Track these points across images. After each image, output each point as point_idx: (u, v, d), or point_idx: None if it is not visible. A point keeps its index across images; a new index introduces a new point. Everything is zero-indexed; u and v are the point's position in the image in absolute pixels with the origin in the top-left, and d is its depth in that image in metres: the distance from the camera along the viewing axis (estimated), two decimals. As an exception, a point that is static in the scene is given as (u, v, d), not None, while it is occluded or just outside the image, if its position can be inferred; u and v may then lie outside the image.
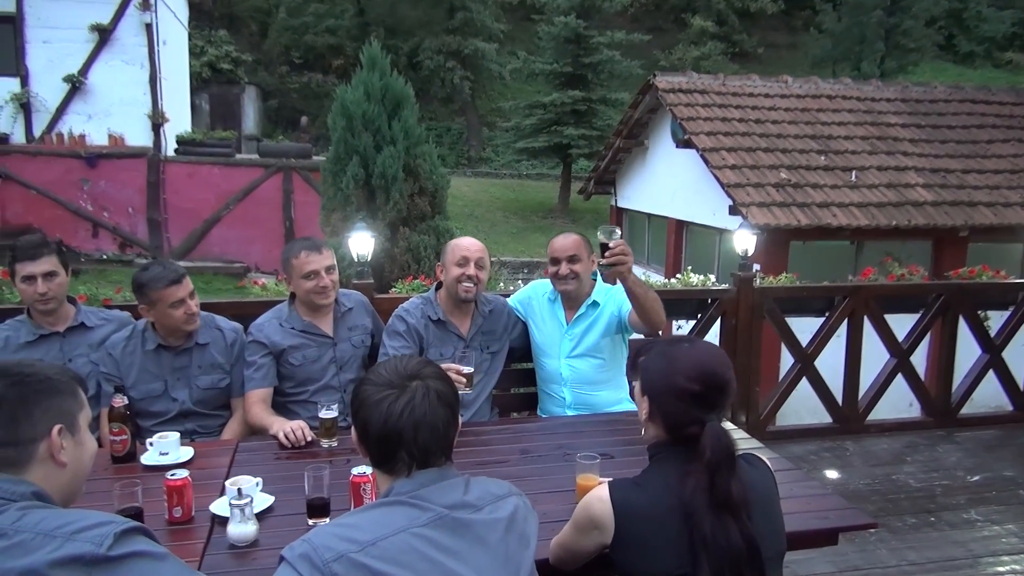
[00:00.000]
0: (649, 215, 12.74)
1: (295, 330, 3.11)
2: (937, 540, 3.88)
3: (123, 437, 2.52)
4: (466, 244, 3.22)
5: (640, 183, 12.93)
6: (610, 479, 1.78)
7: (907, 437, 5.27)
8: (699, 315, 5.02)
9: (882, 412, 5.40)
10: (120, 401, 2.55)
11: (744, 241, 4.99)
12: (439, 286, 3.28)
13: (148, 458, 2.51)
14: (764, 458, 1.85)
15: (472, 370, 2.83)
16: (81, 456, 1.50)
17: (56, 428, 1.43)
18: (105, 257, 14.16)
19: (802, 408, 5.60)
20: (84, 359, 3.00)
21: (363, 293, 4.10)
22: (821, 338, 5.19)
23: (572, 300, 3.31)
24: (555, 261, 3.24)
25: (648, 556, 1.64)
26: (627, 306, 3.13)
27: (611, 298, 3.31)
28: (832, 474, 4.71)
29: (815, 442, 5.20)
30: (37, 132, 14.30)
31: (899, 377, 5.30)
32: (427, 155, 9.07)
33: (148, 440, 2.59)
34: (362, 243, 4.40)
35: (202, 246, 14.58)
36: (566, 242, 3.25)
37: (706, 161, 9.58)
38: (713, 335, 5.10)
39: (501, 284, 5.87)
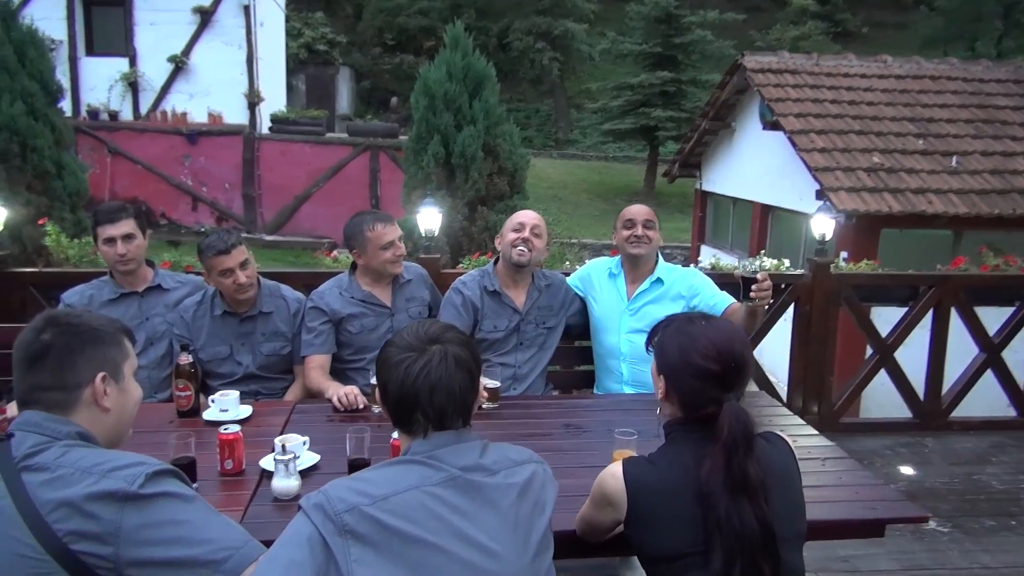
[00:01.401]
0: (734, 199, 12.42)
1: (355, 299, 3.20)
2: (1017, 545, 3.68)
3: (187, 393, 2.67)
4: (523, 213, 3.30)
5: (725, 166, 12.60)
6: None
7: (994, 436, 4.99)
8: (771, 300, 4.88)
9: (975, 410, 5.13)
10: (186, 359, 2.70)
11: (822, 225, 4.81)
12: (497, 260, 3.31)
13: (209, 414, 2.64)
14: (785, 437, 1.80)
15: (498, 384, 2.85)
16: (125, 402, 1.60)
17: (100, 375, 1.53)
18: (203, 230, 14.85)
19: (889, 403, 5.38)
20: (160, 318, 3.17)
21: (429, 268, 4.19)
22: (903, 329, 4.96)
23: (636, 273, 3.30)
24: (630, 224, 3.24)
25: (660, 534, 1.63)
26: (714, 301, 3.18)
27: (680, 280, 3.27)
28: (907, 470, 4.52)
29: (892, 437, 4.99)
30: (143, 110, 15.10)
31: (990, 374, 5.03)
32: (507, 135, 9.09)
33: (210, 397, 2.73)
34: (429, 219, 4.47)
35: (292, 222, 15.11)
36: (642, 208, 3.32)
37: (793, 144, 9.25)
38: (785, 322, 4.95)
39: (567, 263, 5.86)
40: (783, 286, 4.85)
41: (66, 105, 9.24)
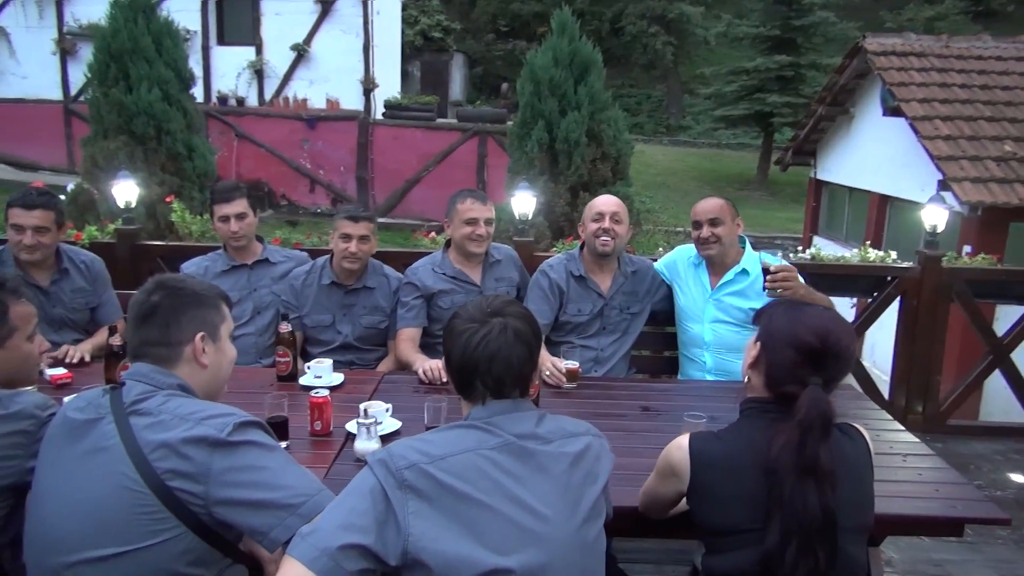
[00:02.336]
0: (850, 188, 11.88)
1: (446, 276, 3.34)
2: None
3: (286, 359, 2.87)
4: (601, 200, 3.30)
5: (842, 154, 12.06)
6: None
7: (1122, 447, 4.64)
8: (875, 293, 4.70)
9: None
10: (286, 328, 2.90)
11: (933, 216, 4.59)
12: (584, 246, 3.36)
13: (305, 379, 2.84)
14: (862, 429, 1.78)
15: (576, 364, 2.90)
16: (220, 361, 1.77)
17: (200, 335, 1.71)
18: (319, 211, 15.55)
19: (1013, 407, 5.07)
20: (266, 289, 3.42)
21: (523, 250, 4.29)
22: (1022, 328, 4.67)
23: (716, 265, 3.27)
24: (696, 225, 3.21)
25: (719, 507, 1.66)
26: None
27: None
28: (1018, 478, 4.27)
29: (1005, 442, 4.72)
30: (267, 96, 15.90)
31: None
32: (612, 121, 9.05)
33: (307, 364, 2.92)
34: (524, 203, 4.56)
35: (403, 204, 15.59)
36: (707, 205, 3.22)
37: (916, 131, 8.77)
38: (891, 316, 4.76)
39: (660, 249, 5.81)
40: (888, 279, 4.67)
41: (198, 91, 9.88)
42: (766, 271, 2.90)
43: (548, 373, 2.90)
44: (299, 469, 1.61)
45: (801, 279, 2.94)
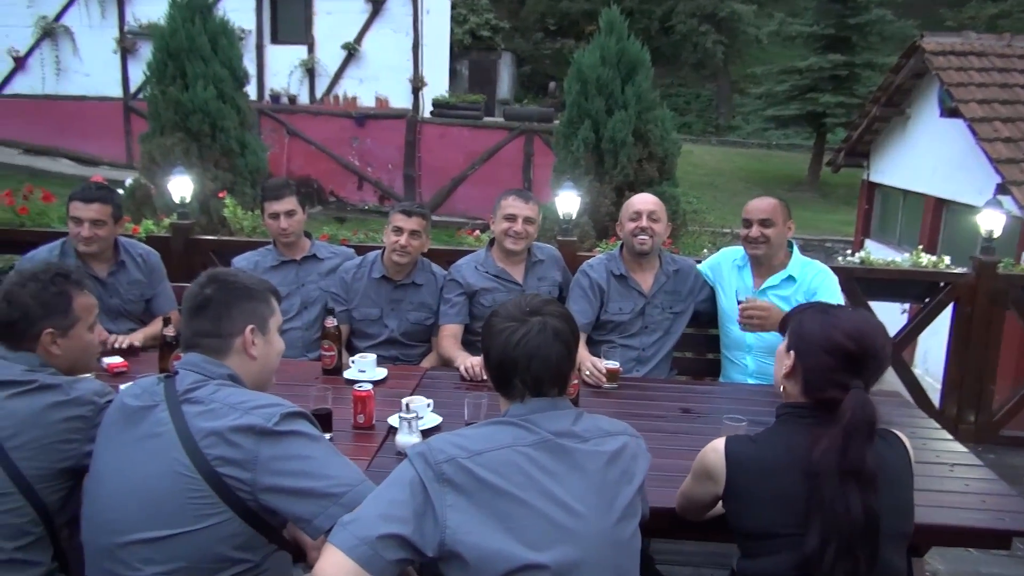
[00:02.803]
0: (904, 191, 11.58)
1: (489, 274, 3.37)
2: None
3: (332, 353, 2.94)
4: (638, 199, 3.30)
5: (897, 156, 11.76)
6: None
7: None
8: (927, 299, 4.60)
9: None
10: (332, 322, 2.97)
11: (989, 221, 4.46)
12: (623, 245, 3.36)
13: (349, 373, 2.90)
14: (902, 436, 1.75)
15: (616, 365, 2.90)
16: (269, 353, 1.83)
17: (250, 327, 1.76)
18: (367, 207, 15.75)
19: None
20: (314, 285, 3.50)
21: (566, 250, 4.30)
22: (1081, 338, 4.52)
23: (762, 267, 3.24)
24: (747, 223, 3.18)
25: (756, 511, 1.65)
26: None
27: (815, 278, 3.18)
28: (1074, 492, 4.13)
29: (1063, 455, 4.57)
30: (318, 94, 16.15)
31: None
32: (659, 120, 8.99)
33: (351, 359, 2.99)
34: (568, 202, 4.57)
35: (449, 202, 15.70)
36: (760, 204, 3.18)
37: (974, 132, 8.51)
38: (943, 323, 4.65)
39: (705, 251, 5.76)
40: (941, 284, 4.56)
41: (251, 89, 10.10)
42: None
43: (588, 373, 2.91)
44: (342, 460, 1.65)
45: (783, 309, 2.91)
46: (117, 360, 2.91)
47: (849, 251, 5.10)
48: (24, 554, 1.74)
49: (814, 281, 3.18)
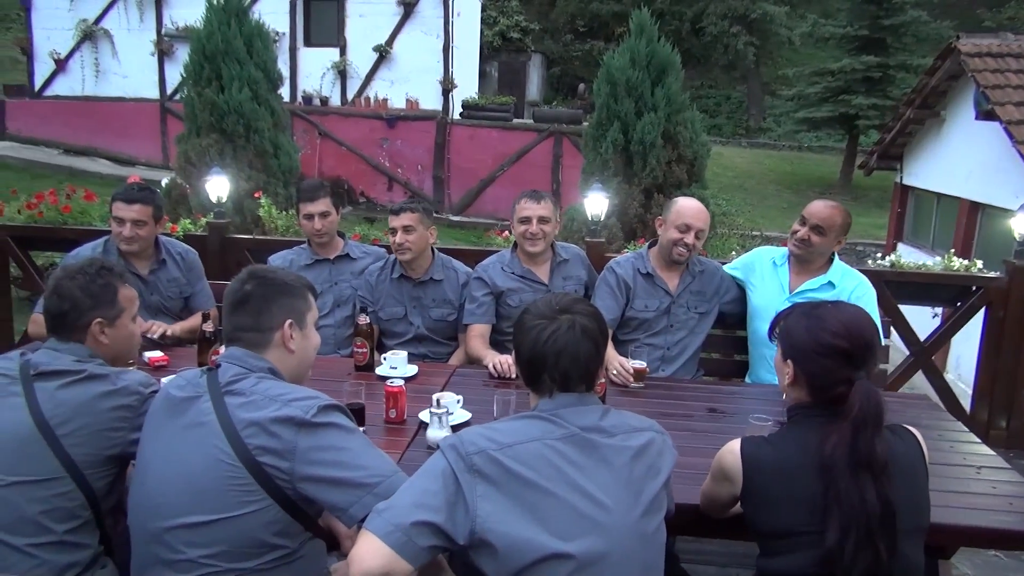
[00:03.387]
0: (938, 195, 11.44)
1: (514, 274, 3.42)
2: None
3: (364, 350, 3.01)
4: (692, 211, 3.22)
5: (931, 159, 11.62)
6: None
7: None
8: (958, 303, 4.56)
9: None
10: (364, 320, 3.04)
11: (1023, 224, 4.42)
12: (654, 244, 3.39)
13: (381, 369, 2.97)
14: (916, 433, 1.77)
15: (643, 364, 2.93)
16: (306, 347, 1.90)
17: (288, 322, 1.83)
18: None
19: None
20: (347, 283, 3.58)
21: (594, 250, 4.34)
22: (1118, 344, 4.45)
23: (800, 268, 3.25)
24: (801, 221, 3.20)
25: (774, 511, 1.68)
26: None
27: (856, 288, 3.20)
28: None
29: (1098, 463, 4.51)
30: (350, 96, 16.34)
31: None
32: (689, 122, 8.99)
33: (383, 356, 3.05)
34: (596, 204, 4.60)
35: (477, 203, 15.78)
36: (822, 211, 3.17)
37: (1010, 135, 8.39)
38: (975, 328, 4.61)
39: (733, 253, 5.75)
40: (973, 288, 4.52)
41: (284, 91, 10.26)
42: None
43: (615, 372, 2.94)
44: (377, 451, 1.71)
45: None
46: (158, 354, 3.00)
47: (880, 254, 5.05)
48: (73, 536, 1.82)
49: (856, 291, 3.19)
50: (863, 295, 3.18)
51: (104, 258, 2.69)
